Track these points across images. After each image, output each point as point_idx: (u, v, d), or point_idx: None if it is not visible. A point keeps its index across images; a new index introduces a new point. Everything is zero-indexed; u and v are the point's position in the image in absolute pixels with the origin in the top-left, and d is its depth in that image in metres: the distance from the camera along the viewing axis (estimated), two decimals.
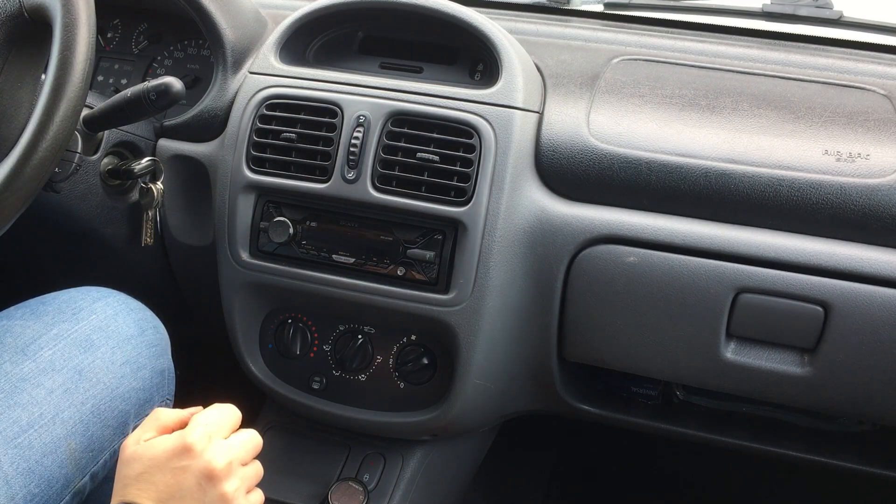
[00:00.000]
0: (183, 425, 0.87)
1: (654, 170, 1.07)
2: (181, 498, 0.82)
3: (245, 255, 1.16)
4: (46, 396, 0.94)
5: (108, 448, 0.99)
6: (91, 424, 0.97)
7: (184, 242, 1.27)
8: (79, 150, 1.09)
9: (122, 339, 1.02)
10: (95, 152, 1.14)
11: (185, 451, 0.83)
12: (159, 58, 1.34)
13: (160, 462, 0.83)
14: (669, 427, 1.24)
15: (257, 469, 0.89)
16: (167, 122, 1.24)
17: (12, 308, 1.03)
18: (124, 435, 1.01)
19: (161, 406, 1.08)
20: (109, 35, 1.37)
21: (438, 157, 1.08)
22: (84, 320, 1.01)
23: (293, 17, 1.20)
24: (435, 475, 1.28)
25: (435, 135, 1.09)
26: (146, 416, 1.04)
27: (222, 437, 0.86)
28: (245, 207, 1.15)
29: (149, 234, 1.23)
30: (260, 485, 1.23)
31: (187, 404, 1.14)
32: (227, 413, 0.89)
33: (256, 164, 1.14)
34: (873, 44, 1.35)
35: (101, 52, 1.36)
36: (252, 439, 0.88)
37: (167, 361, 1.09)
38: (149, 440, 0.85)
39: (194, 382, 1.23)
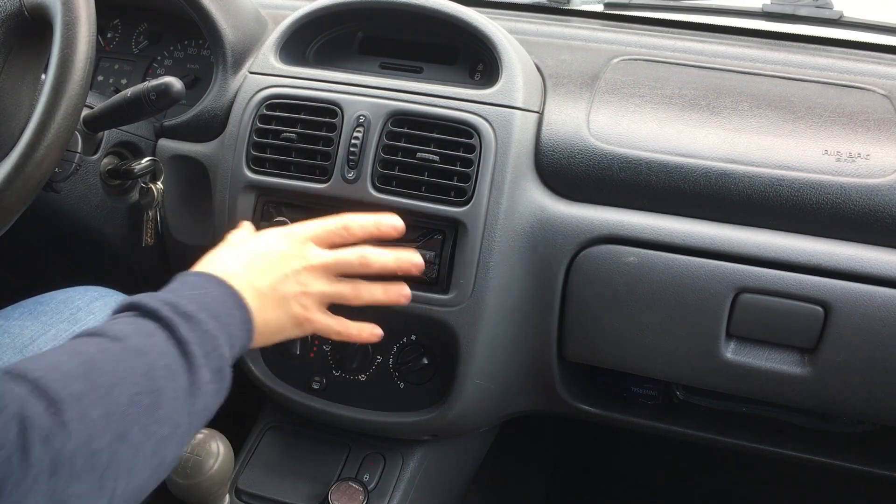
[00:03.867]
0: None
1: (654, 170, 1.07)
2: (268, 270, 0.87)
3: None
4: None
5: None
6: None
7: (184, 242, 1.27)
8: (79, 150, 1.09)
9: None
10: (95, 152, 1.14)
11: (285, 234, 0.91)
12: (159, 58, 1.34)
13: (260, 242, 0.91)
14: (669, 427, 1.24)
15: (345, 289, 0.93)
16: (167, 122, 1.24)
17: (9, 308, 1.03)
18: None
19: None
20: (109, 35, 1.37)
21: (438, 157, 1.08)
22: (82, 320, 1.01)
23: (293, 17, 1.20)
24: (435, 475, 1.28)
25: (435, 135, 1.09)
26: None
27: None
28: (245, 207, 1.15)
29: (149, 234, 1.23)
30: (260, 485, 1.23)
31: None
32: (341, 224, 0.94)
33: (256, 163, 1.14)
34: (873, 44, 1.35)
35: (101, 52, 1.36)
36: (356, 259, 0.92)
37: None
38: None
39: None
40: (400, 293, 0.97)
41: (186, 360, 0.71)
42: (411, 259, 0.96)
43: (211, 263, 0.88)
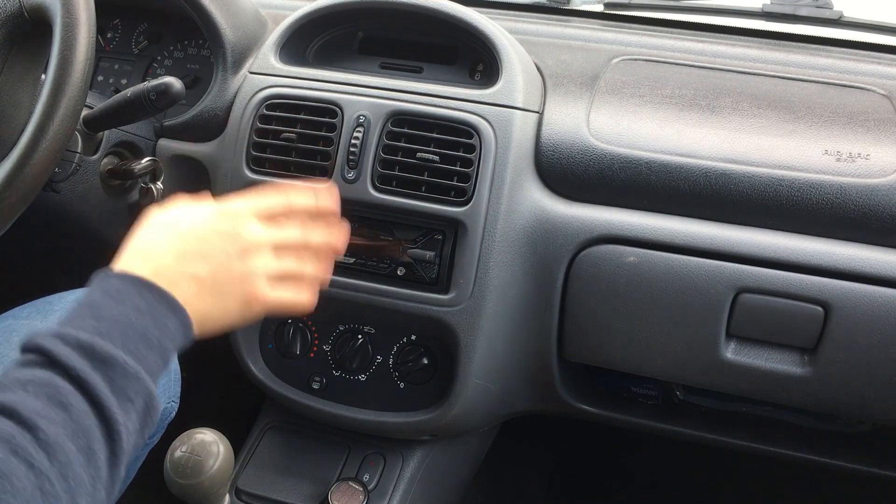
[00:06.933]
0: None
1: (653, 170, 1.07)
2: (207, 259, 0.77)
3: None
4: None
5: None
6: None
7: None
8: (79, 150, 1.09)
9: None
10: (95, 152, 1.14)
11: (221, 212, 0.79)
12: (159, 58, 1.34)
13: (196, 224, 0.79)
14: (669, 427, 1.24)
15: (290, 265, 0.82)
16: (167, 122, 1.24)
17: (18, 308, 1.02)
18: None
19: (166, 408, 1.07)
20: (109, 35, 1.37)
21: (438, 157, 1.08)
22: None
23: (293, 17, 1.20)
24: (435, 475, 1.28)
25: (435, 135, 1.09)
26: None
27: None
28: None
29: None
30: (260, 485, 1.22)
31: (186, 404, 1.13)
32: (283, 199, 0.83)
33: (256, 164, 1.14)
34: (873, 44, 1.35)
35: (101, 52, 1.36)
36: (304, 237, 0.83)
37: (173, 363, 1.08)
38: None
39: (195, 382, 1.23)
40: (327, 274, 0.89)
41: (107, 428, 0.64)
42: (341, 240, 0.89)
43: (137, 255, 0.77)
